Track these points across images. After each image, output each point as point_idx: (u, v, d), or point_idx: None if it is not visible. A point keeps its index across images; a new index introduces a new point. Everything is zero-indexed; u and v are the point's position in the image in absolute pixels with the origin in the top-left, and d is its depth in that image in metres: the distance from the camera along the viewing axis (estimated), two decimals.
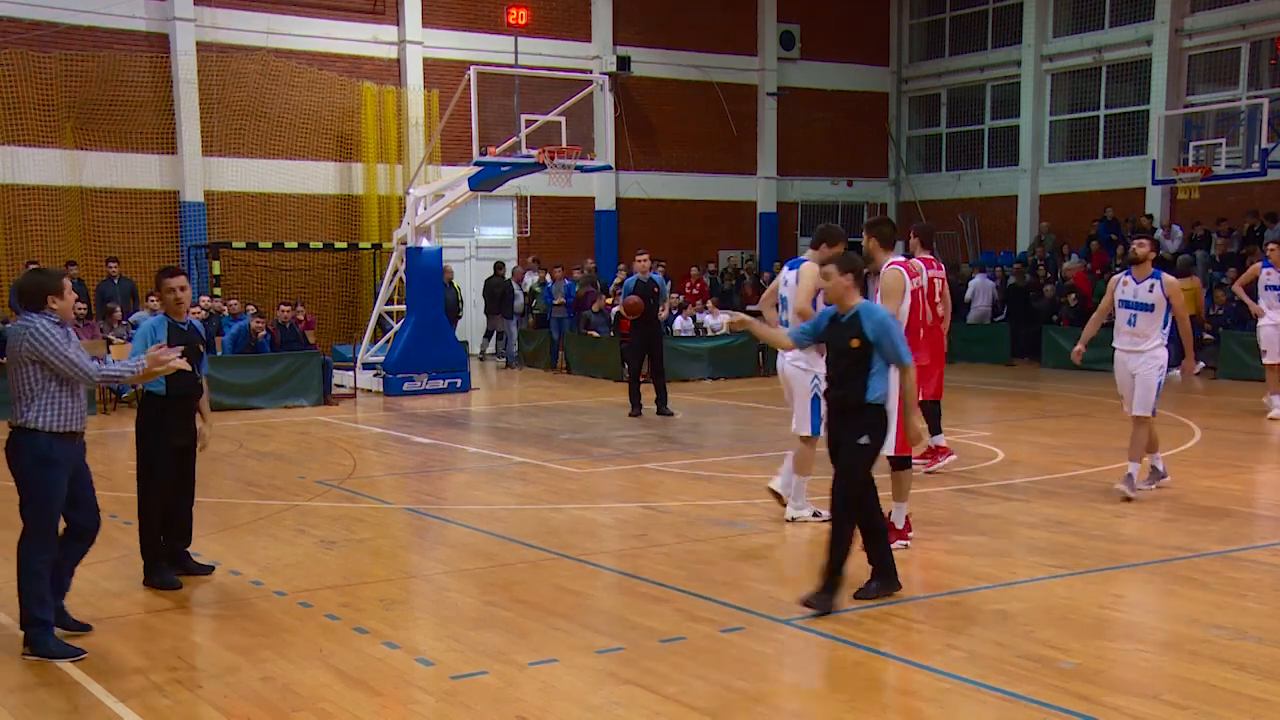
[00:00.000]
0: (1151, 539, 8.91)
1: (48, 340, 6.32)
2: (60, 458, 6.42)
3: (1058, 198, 28.14)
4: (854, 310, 7.16)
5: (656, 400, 16.18)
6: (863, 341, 7.06)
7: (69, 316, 6.51)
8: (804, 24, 30.37)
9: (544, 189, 24.01)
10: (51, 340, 6.33)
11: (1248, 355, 18.96)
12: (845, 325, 7.16)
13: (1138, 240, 10.37)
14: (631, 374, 16.64)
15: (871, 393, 7.11)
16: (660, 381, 16.31)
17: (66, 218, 22.37)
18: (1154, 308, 10.06)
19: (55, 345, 6.33)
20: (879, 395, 7.14)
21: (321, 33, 24.83)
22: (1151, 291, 10.07)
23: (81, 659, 6.31)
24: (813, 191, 31.29)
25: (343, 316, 25.22)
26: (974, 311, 24.93)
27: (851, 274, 7.17)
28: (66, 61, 22.16)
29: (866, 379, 7.09)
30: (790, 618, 6.93)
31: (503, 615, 7.06)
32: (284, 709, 5.65)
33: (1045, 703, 5.56)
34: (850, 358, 7.12)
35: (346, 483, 11.56)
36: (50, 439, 6.39)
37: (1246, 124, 22.27)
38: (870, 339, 7.07)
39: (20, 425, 6.41)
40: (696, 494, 10.78)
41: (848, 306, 7.18)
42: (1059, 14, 28.43)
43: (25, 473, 6.42)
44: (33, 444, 6.38)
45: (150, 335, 7.60)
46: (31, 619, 6.40)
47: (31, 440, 6.38)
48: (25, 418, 6.38)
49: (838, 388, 7.23)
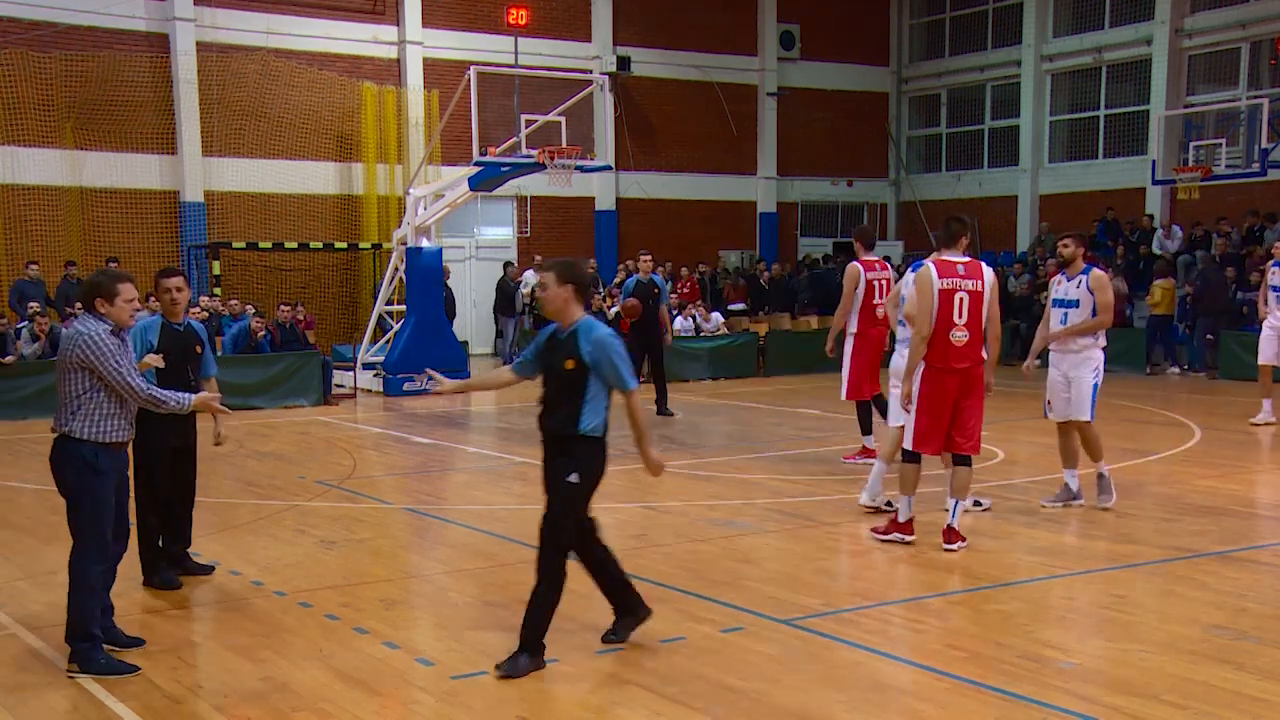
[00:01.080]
0: (1151, 539, 8.91)
1: (99, 348, 6.08)
2: (107, 468, 6.21)
3: (1058, 198, 28.14)
4: (573, 327, 6.19)
5: (656, 401, 16.18)
6: (578, 363, 6.12)
7: (125, 322, 6.27)
8: (804, 24, 30.37)
9: (544, 189, 24.00)
10: (103, 349, 6.08)
11: (1247, 355, 18.97)
12: (562, 344, 6.21)
13: (1062, 240, 9.96)
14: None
15: (585, 423, 6.12)
16: (660, 382, 16.31)
17: (66, 218, 22.37)
18: (1079, 304, 9.67)
19: (107, 355, 6.09)
20: (593, 426, 6.13)
21: (321, 33, 24.84)
22: (1079, 288, 9.72)
23: (136, 674, 6.09)
24: (813, 192, 31.29)
25: (343, 316, 25.22)
26: None
27: (572, 284, 6.19)
28: (66, 61, 22.16)
29: (580, 406, 6.12)
30: (790, 618, 6.93)
31: (503, 615, 7.05)
32: (284, 709, 5.65)
33: (1045, 703, 5.55)
34: (563, 381, 6.16)
35: (346, 483, 11.56)
36: (96, 449, 6.16)
37: (1246, 124, 22.27)
38: (587, 361, 6.11)
39: (65, 433, 6.18)
40: (696, 494, 10.78)
41: (569, 322, 6.21)
42: (1059, 14, 28.43)
43: (73, 483, 6.19)
44: (79, 453, 6.14)
45: (140, 336, 7.52)
46: (82, 633, 6.14)
47: (78, 449, 6.14)
48: (70, 426, 6.15)
49: (548, 416, 6.25)
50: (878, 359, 12.05)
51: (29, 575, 8.13)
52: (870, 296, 11.78)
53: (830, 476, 11.65)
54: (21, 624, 7.00)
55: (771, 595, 7.42)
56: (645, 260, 16.45)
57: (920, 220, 30.92)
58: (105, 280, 6.28)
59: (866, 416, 12.08)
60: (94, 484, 6.17)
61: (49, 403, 18.59)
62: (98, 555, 6.23)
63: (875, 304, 11.81)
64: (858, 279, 11.77)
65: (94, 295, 6.21)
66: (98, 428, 6.17)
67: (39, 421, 14.95)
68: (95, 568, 6.22)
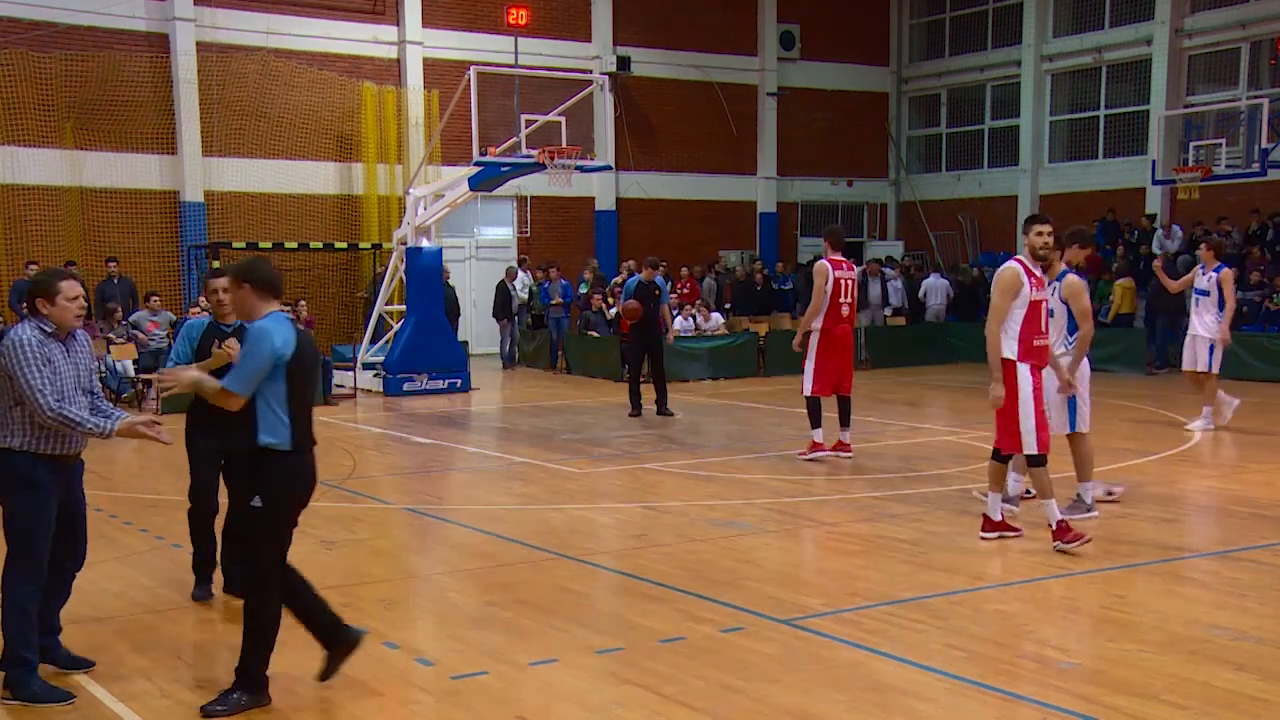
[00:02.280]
0: (1151, 539, 8.91)
1: (20, 355, 5.68)
2: (46, 480, 5.79)
3: (1058, 198, 28.14)
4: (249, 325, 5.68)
5: (656, 401, 16.18)
6: None
7: (68, 323, 5.85)
8: (804, 24, 30.38)
9: (544, 189, 24.01)
10: (23, 356, 5.67)
11: (1246, 355, 18.99)
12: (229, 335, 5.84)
13: None
14: (632, 374, 16.66)
15: (263, 434, 5.57)
16: (660, 382, 16.32)
17: (66, 218, 22.38)
18: (1053, 312, 9.19)
19: (25, 363, 5.67)
20: (274, 439, 5.56)
21: (321, 33, 24.84)
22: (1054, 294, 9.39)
23: (70, 704, 5.75)
24: (813, 192, 31.29)
25: (343, 316, 25.23)
26: (929, 311, 25.26)
27: (249, 284, 5.66)
28: (66, 61, 22.16)
29: (255, 416, 5.57)
30: (790, 618, 6.93)
31: (503, 615, 7.06)
32: (284, 709, 5.65)
33: (1045, 703, 5.56)
34: None
35: (346, 483, 11.56)
36: (35, 460, 5.76)
37: (1246, 124, 22.28)
38: None
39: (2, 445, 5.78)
40: (696, 494, 10.78)
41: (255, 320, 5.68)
42: (1059, 14, 28.44)
43: (6, 497, 5.81)
44: (13, 465, 5.74)
45: (188, 334, 7.38)
46: (14, 658, 5.76)
47: (13, 461, 5.74)
48: (6, 435, 5.76)
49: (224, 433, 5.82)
50: (843, 357, 12.30)
51: None
52: (837, 295, 12.18)
53: (830, 476, 11.65)
54: None
55: (771, 595, 7.42)
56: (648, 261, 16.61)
57: (920, 220, 30.92)
58: (46, 279, 5.89)
59: (817, 412, 12.36)
60: (29, 499, 5.77)
61: None
62: (29, 575, 5.80)
63: (840, 303, 12.11)
64: (827, 276, 12.13)
65: (35, 295, 5.82)
66: (37, 438, 5.78)
67: None
68: (26, 588, 5.79)
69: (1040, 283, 8.54)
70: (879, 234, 31.91)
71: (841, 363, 12.42)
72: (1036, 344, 8.44)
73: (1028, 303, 8.36)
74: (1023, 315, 8.35)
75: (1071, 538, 8.23)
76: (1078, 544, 8.21)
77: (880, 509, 9.96)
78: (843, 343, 12.36)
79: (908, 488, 10.74)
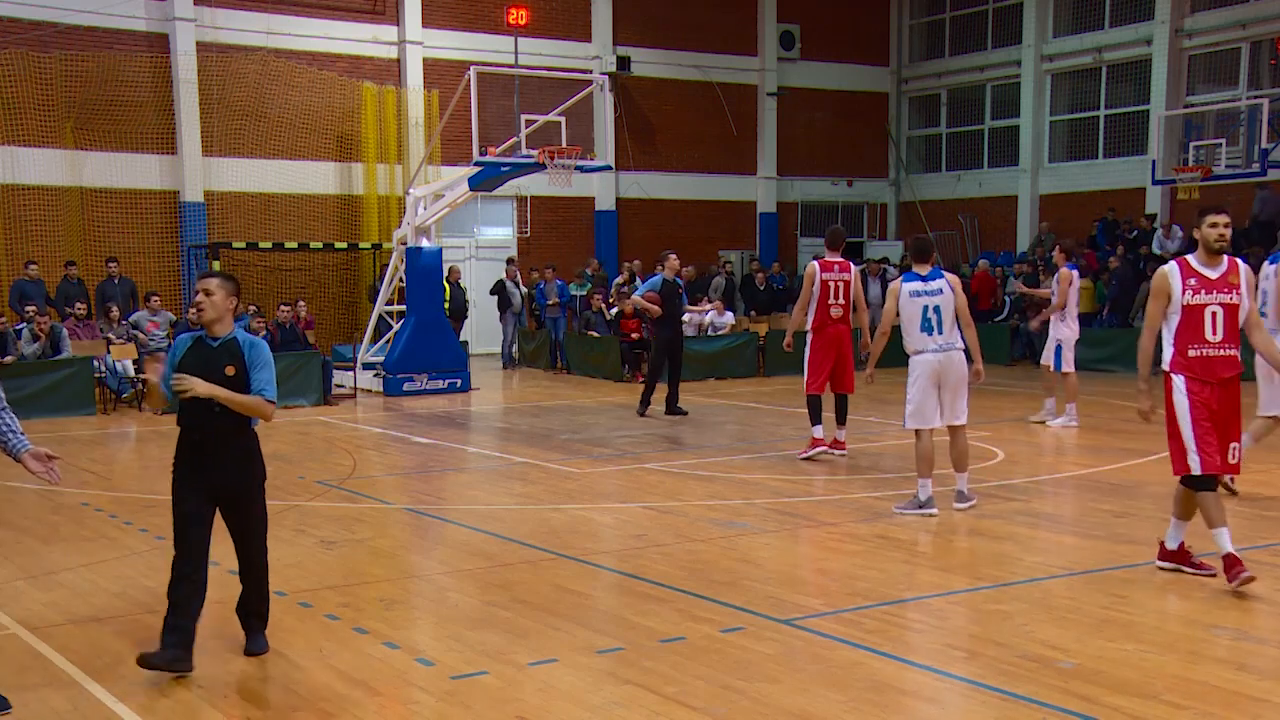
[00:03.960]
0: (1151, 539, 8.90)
1: None
2: None
3: (1058, 198, 28.15)
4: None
5: (668, 399, 16.15)
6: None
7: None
8: (804, 24, 30.39)
9: (544, 189, 24.02)
10: None
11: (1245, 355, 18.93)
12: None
13: None
14: (652, 372, 16.53)
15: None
16: (675, 381, 16.29)
17: (66, 218, 22.38)
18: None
19: None
20: None
21: (321, 33, 24.85)
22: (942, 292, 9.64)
23: None
24: (813, 191, 31.30)
25: (343, 316, 25.24)
26: None
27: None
28: (66, 61, 22.16)
29: None
30: (790, 618, 6.93)
31: (503, 615, 7.05)
32: (284, 709, 5.65)
33: (1045, 703, 5.55)
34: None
35: (346, 483, 11.56)
36: None
37: (1246, 124, 22.30)
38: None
39: None
40: (696, 494, 10.78)
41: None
42: (1059, 14, 28.44)
43: None
44: None
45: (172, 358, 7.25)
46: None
47: None
48: None
49: None
50: (840, 356, 12.42)
51: (29, 575, 8.13)
52: (826, 296, 12.33)
53: (830, 476, 11.65)
54: (21, 624, 7.00)
55: (771, 595, 7.42)
56: (673, 260, 16.33)
57: (920, 220, 30.92)
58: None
59: (816, 409, 12.46)
60: None
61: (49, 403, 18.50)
62: None
63: (830, 304, 12.21)
64: (814, 277, 12.31)
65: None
66: None
67: (39, 421, 14.95)
68: None
69: (1208, 284, 7.50)
70: (879, 234, 31.91)
71: (839, 362, 12.46)
72: (1192, 354, 7.54)
73: (1181, 308, 7.48)
74: (1177, 321, 7.54)
75: (1237, 572, 7.27)
76: (1238, 580, 7.26)
77: (880, 509, 9.97)
78: (837, 342, 12.43)
79: (908, 488, 10.73)
